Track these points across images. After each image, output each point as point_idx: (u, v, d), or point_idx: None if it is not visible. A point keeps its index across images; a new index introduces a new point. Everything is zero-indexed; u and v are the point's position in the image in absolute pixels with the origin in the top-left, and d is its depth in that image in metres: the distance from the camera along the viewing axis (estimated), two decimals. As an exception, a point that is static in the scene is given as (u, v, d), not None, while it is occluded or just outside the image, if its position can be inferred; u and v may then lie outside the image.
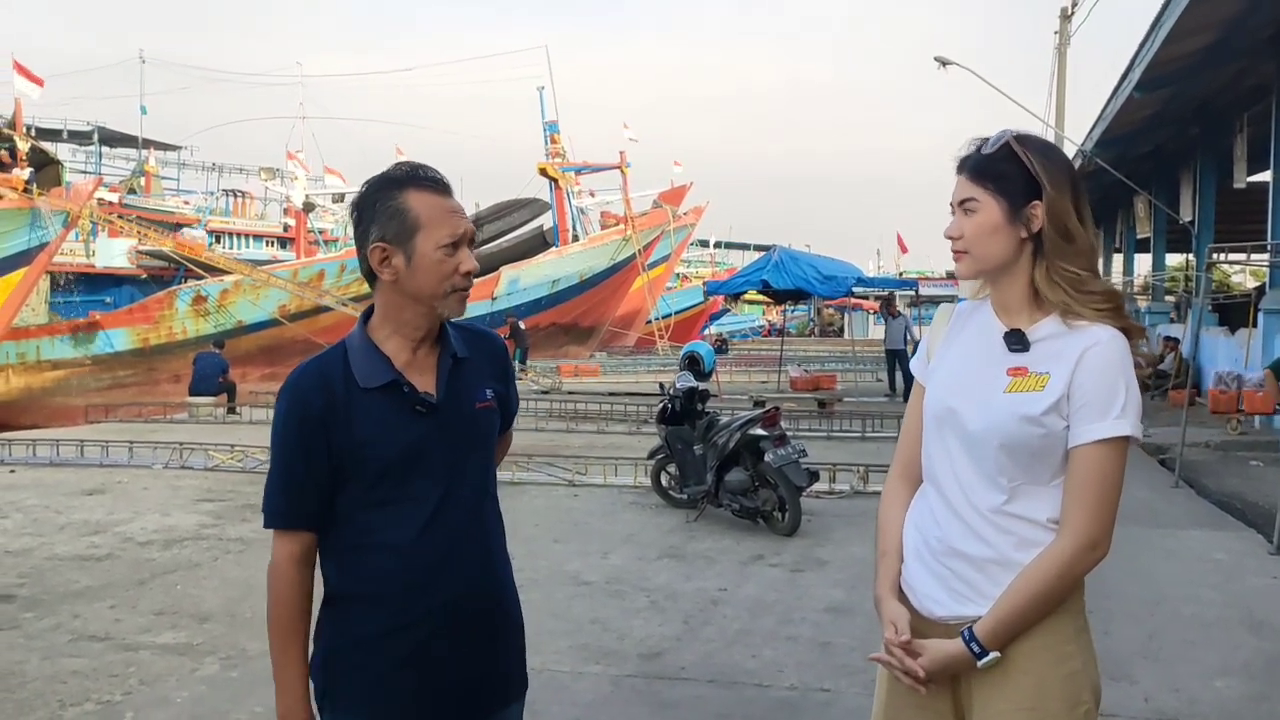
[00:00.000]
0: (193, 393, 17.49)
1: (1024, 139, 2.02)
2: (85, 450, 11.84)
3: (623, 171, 41.46)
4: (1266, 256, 15.06)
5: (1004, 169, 1.99)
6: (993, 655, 1.94)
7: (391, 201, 2.01)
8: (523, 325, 28.05)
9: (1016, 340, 2.00)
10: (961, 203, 2.04)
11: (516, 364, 24.21)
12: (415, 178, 2.04)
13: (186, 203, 45.84)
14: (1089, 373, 1.89)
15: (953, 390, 2.07)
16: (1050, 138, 22.67)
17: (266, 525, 2.09)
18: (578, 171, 42.19)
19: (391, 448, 2.01)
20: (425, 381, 2.07)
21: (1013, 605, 1.92)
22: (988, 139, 2.05)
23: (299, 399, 2.04)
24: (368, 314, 2.12)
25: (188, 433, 13.83)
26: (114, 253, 31.67)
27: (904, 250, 61.24)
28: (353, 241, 2.15)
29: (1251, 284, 37.39)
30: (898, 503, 2.23)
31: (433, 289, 2.02)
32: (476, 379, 2.16)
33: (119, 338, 26.04)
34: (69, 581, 6.54)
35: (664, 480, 9.19)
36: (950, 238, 2.07)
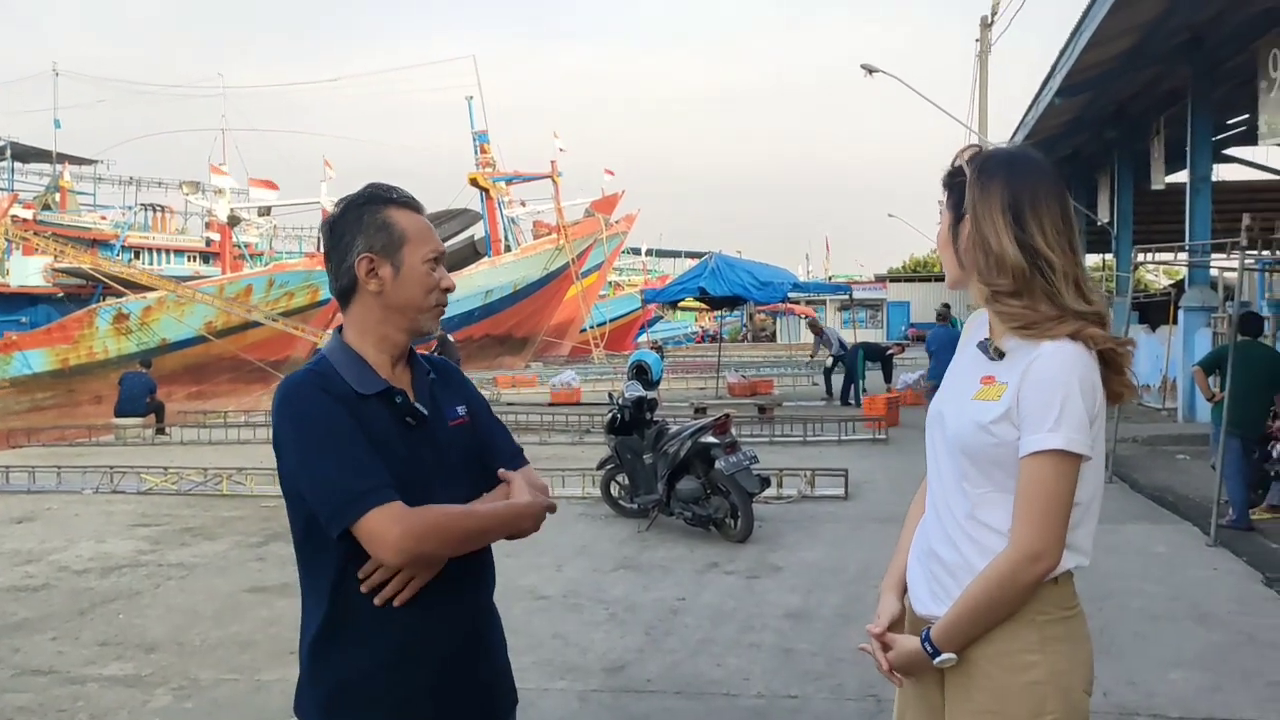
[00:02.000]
0: (119, 414, 16.98)
1: (978, 157, 2.07)
2: (11, 476, 11.43)
3: (554, 181, 41.40)
4: (1185, 256, 15.54)
5: (954, 185, 2.07)
6: (946, 656, 1.98)
7: (378, 215, 2.04)
8: (451, 338, 27.82)
9: (987, 348, 2.05)
10: (940, 212, 2.15)
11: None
12: (398, 197, 2.09)
13: (104, 218, 44.55)
14: (1030, 385, 1.92)
15: (943, 395, 2.14)
16: (973, 143, 23.18)
17: (350, 520, 1.86)
18: (509, 181, 42.03)
19: (394, 458, 1.96)
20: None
21: (959, 611, 1.96)
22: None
23: (314, 391, 1.95)
24: (338, 330, 2.11)
25: (117, 455, 13.41)
26: (29, 271, 30.66)
27: (830, 254, 62.18)
28: (279, 256, 2.11)
29: (1165, 283, 38.69)
30: (919, 503, 2.27)
31: (419, 301, 2.06)
32: (447, 398, 2.16)
33: (36, 359, 25.20)
34: (6, 614, 6.29)
35: (614, 490, 9.16)
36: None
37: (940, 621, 1.98)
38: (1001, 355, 2.01)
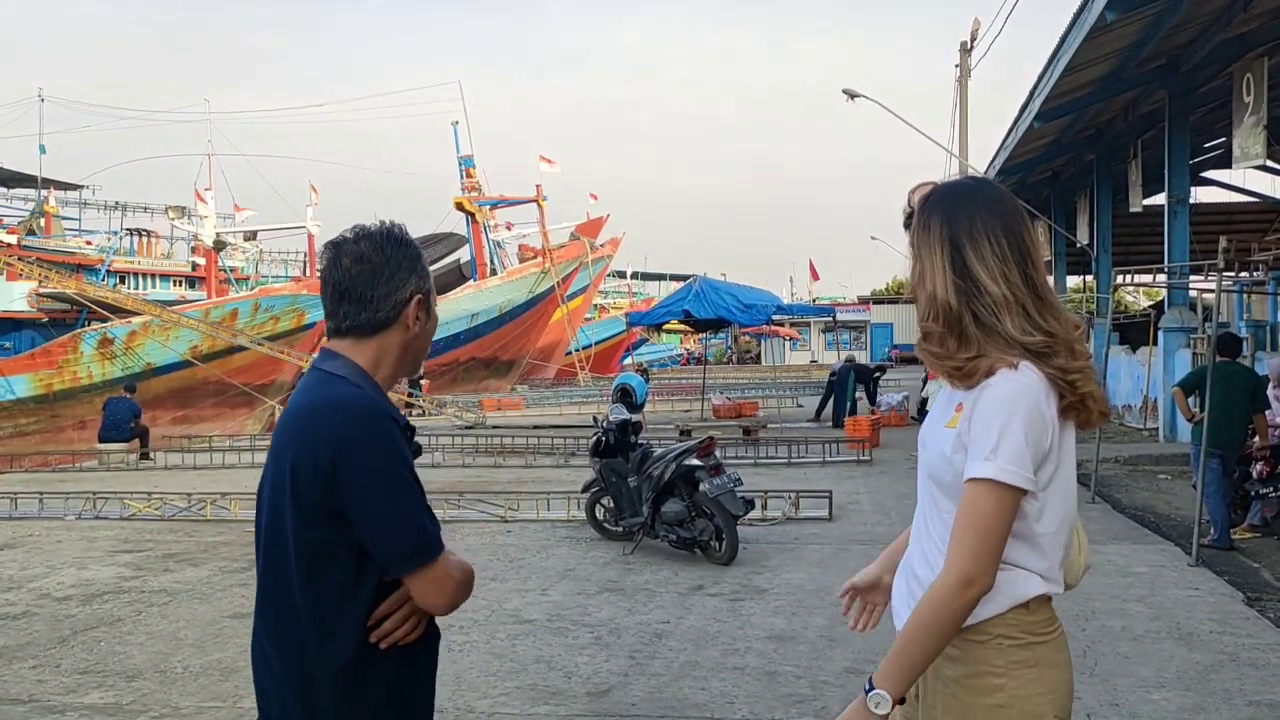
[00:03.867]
0: (103, 439, 16.87)
1: (929, 196, 2.10)
2: (-9, 503, 11.35)
3: (539, 204, 41.50)
4: (1164, 277, 15.71)
5: (908, 224, 2.13)
6: (876, 693, 1.93)
7: (423, 261, 2.14)
8: None
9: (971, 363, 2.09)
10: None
11: (409, 392, 24.22)
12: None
13: (89, 243, 44.36)
14: (977, 412, 1.95)
15: (929, 419, 2.18)
16: (954, 166, 23.31)
17: (425, 562, 1.93)
18: (494, 205, 42.11)
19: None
20: None
21: (898, 641, 1.97)
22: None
23: (392, 423, 1.97)
24: (344, 357, 2.10)
25: (100, 481, 13.34)
26: (13, 296, 30.47)
27: (816, 277, 62.43)
28: (265, 280, 2.14)
29: (1145, 304, 39.01)
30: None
31: (429, 345, 2.20)
32: None
33: (20, 384, 25.00)
34: (-16, 643, 6.24)
35: (599, 513, 9.16)
36: None
37: (886, 656, 1.98)
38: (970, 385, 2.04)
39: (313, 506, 1.92)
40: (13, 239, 34.59)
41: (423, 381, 27.42)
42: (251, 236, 46.87)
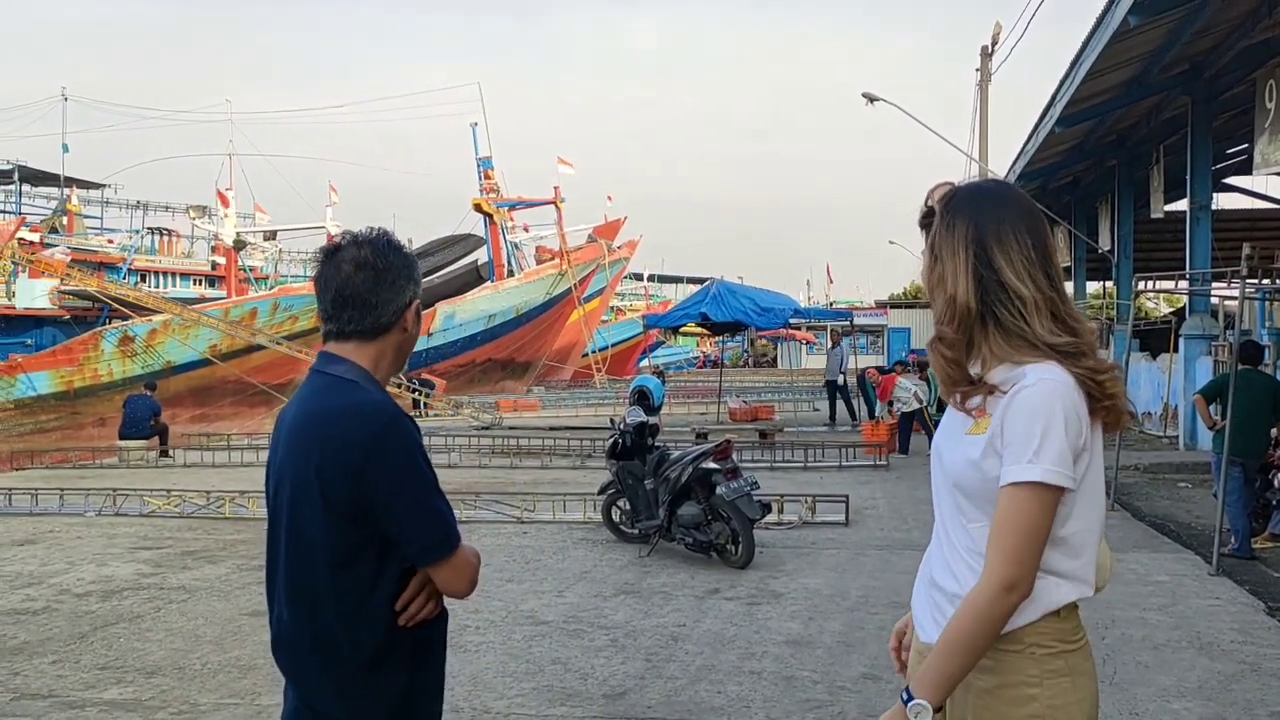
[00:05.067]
0: (123, 436, 16.99)
1: (950, 197, 2.07)
2: (13, 499, 11.44)
3: (557, 206, 41.54)
4: (1186, 284, 15.59)
5: (927, 224, 2.09)
6: (916, 703, 1.92)
7: (420, 271, 2.26)
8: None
9: (978, 384, 2.04)
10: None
11: (423, 391, 24.29)
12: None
13: (110, 241, 44.77)
14: (1011, 415, 1.91)
15: (942, 430, 2.15)
16: (974, 171, 23.24)
17: (450, 551, 2.08)
18: (512, 207, 42.15)
19: None
20: None
21: (937, 650, 1.95)
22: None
23: (412, 423, 2.11)
24: (350, 361, 2.17)
25: (120, 478, 13.42)
26: (35, 293, 30.77)
27: (831, 281, 62.36)
28: (284, 280, 2.21)
29: (1166, 310, 38.76)
30: None
31: (413, 347, 2.28)
32: None
33: (41, 381, 25.22)
34: (6, 637, 6.29)
35: (615, 515, 9.17)
36: None
37: (923, 664, 1.97)
38: (990, 389, 2.00)
39: (342, 509, 2.02)
40: (36, 237, 34.90)
41: (438, 381, 27.49)
42: (271, 236, 47.11)
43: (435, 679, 2.19)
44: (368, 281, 2.12)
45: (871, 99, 25.04)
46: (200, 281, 46.25)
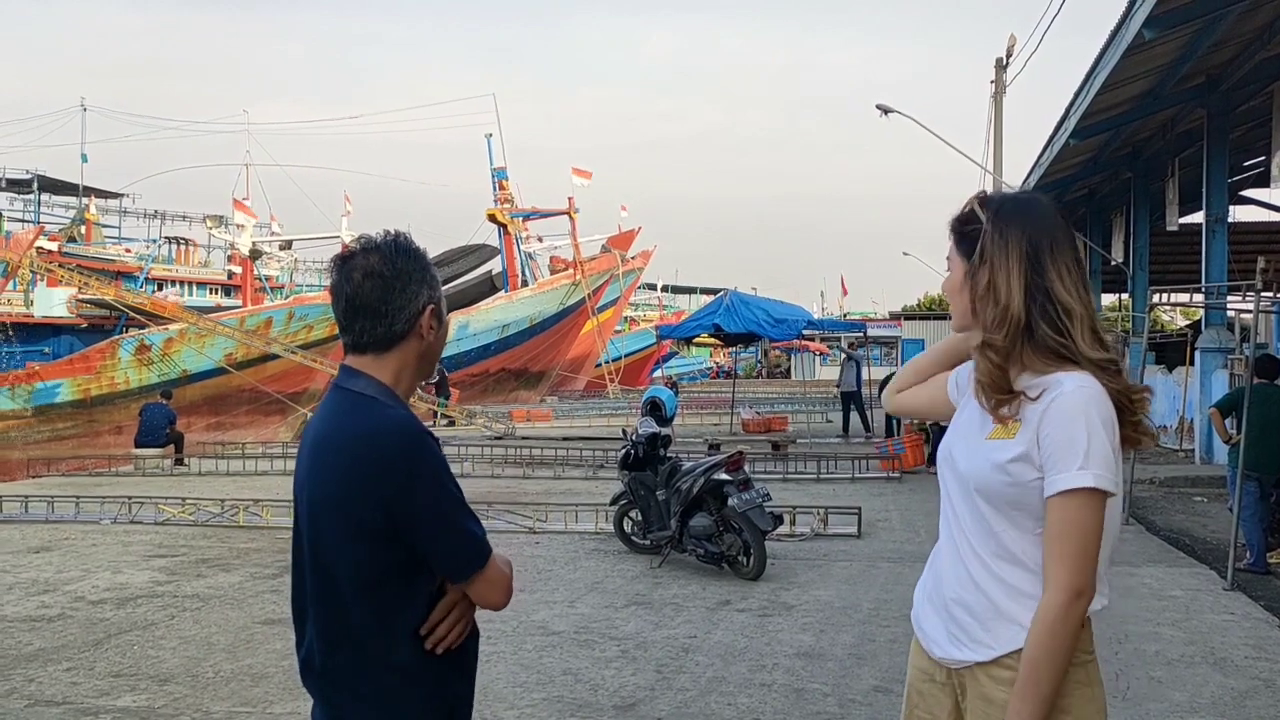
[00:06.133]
0: (139, 444, 17.09)
1: (991, 201, 2.08)
2: (30, 506, 11.52)
3: (571, 217, 41.66)
4: (1201, 297, 15.52)
5: (967, 230, 2.08)
6: None
7: (435, 272, 2.17)
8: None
9: (1014, 392, 2.04)
10: (947, 259, 2.14)
11: (437, 402, 24.31)
12: (434, 258, 2.28)
13: (128, 250, 45.09)
14: (1051, 423, 1.91)
15: (953, 434, 2.15)
16: (988, 183, 23.19)
17: (481, 565, 2.03)
18: (526, 217, 42.29)
19: None
20: None
21: (1024, 678, 1.92)
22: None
23: (434, 440, 2.06)
24: (365, 374, 2.12)
25: (135, 486, 13.51)
26: (53, 302, 30.99)
27: (845, 293, 62.28)
28: (299, 289, 2.17)
29: (1181, 323, 38.54)
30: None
31: (440, 353, 2.22)
32: None
33: (59, 389, 25.42)
34: (21, 644, 6.33)
35: (627, 526, 9.17)
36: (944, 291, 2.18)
37: (1014, 696, 1.93)
38: (1012, 394, 2.01)
39: (367, 532, 1.97)
40: (54, 246, 35.17)
41: (452, 390, 27.54)
42: (287, 246, 47.36)
43: (466, 696, 2.17)
44: (377, 289, 2.05)
45: (886, 111, 25.04)
46: (217, 291, 46.52)
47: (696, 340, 27.93)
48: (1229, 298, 16.01)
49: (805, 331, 23.39)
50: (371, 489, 1.94)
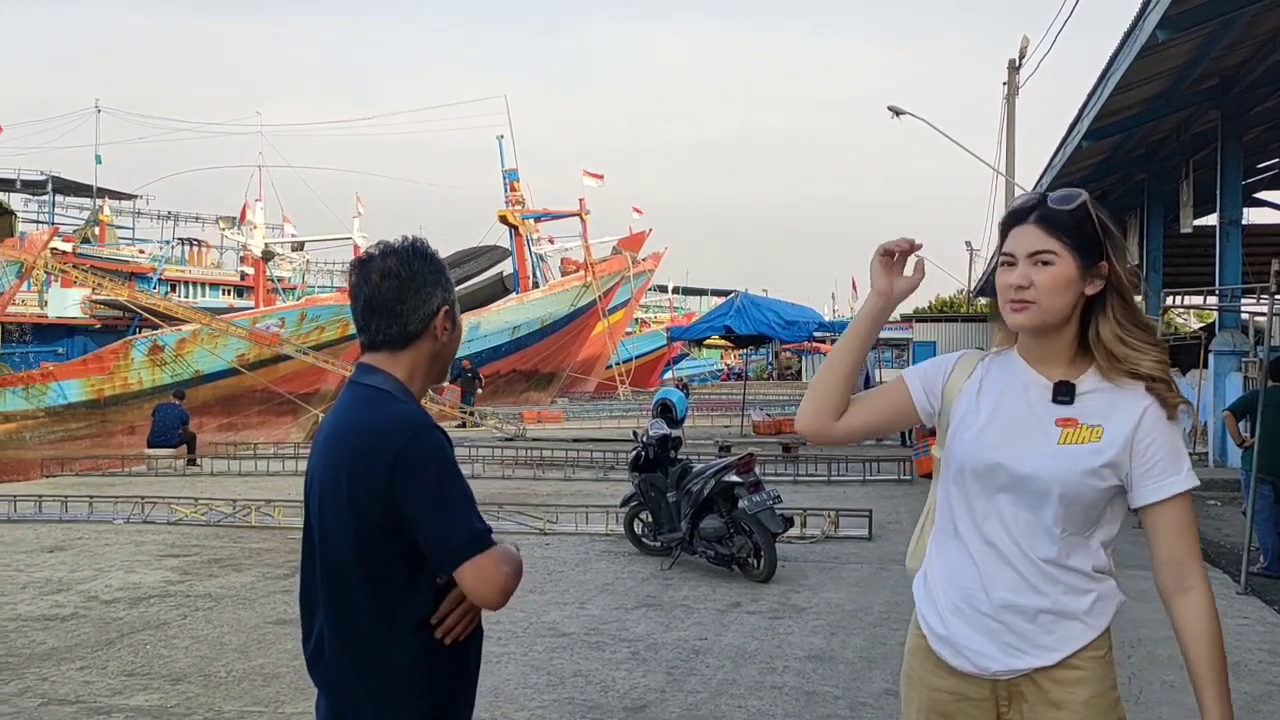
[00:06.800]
0: (152, 444, 17.17)
1: (1088, 202, 2.04)
2: (44, 506, 11.59)
3: (582, 218, 41.74)
4: (1215, 299, 15.46)
5: (1081, 226, 2.00)
6: None
7: (450, 276, 2.23)
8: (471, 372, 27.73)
9: (1065, 393, 2.02)
10: (1034, 254, 2.00)
11: (463, 408, 24.31)
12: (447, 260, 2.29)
13: (142, 251, 45.30)
14: (1155, 432, 1.98)
15: (996, 444, 2.05)
16: (1000, 185, 23.03)
17: (469, 555, 1.98)
18: (537, 219, 42.39)
19: None
20: None
21: (1210, 681, 1.96)
22: (1049, 195, 2.04)
23: (442, 433, 2.09)
24: (383, 371, 2.16)
25: (148, 486, 13.57)
26: (67, 302, 31.17)
27: (856, 294, 62.06)
28: (311, 290, 2.20)
29: (1195, 326, 38.34)
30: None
31: (456, 352, 2.28)
32: None
33: (72, 389, 25.57)
34: (34, 643, 6.37)
35: (638, 528, 9.17)
36: (1019, 287, 2.01)
37: (1207, 700, 1.95)
38: (1073, 398, 2.01)
39: (373, 524, 2.01)
40: (68, 247, 35.37)
41: (479, 390, 27.47)
42: (299, 247, 47.54)
43: (468, 695, 2.19)
44: (393, 290, 2.12)
45: (898, 112, 25.02)
46: (229, 292, 46.70)
47: (707, 342, 27.97)
48: (1243, 300, 15.94)
49: (816, 333, 23.39)
50: (372, 478, 1.99)
